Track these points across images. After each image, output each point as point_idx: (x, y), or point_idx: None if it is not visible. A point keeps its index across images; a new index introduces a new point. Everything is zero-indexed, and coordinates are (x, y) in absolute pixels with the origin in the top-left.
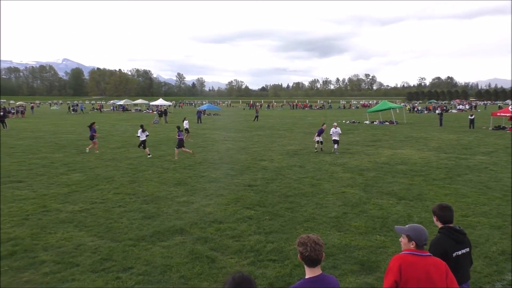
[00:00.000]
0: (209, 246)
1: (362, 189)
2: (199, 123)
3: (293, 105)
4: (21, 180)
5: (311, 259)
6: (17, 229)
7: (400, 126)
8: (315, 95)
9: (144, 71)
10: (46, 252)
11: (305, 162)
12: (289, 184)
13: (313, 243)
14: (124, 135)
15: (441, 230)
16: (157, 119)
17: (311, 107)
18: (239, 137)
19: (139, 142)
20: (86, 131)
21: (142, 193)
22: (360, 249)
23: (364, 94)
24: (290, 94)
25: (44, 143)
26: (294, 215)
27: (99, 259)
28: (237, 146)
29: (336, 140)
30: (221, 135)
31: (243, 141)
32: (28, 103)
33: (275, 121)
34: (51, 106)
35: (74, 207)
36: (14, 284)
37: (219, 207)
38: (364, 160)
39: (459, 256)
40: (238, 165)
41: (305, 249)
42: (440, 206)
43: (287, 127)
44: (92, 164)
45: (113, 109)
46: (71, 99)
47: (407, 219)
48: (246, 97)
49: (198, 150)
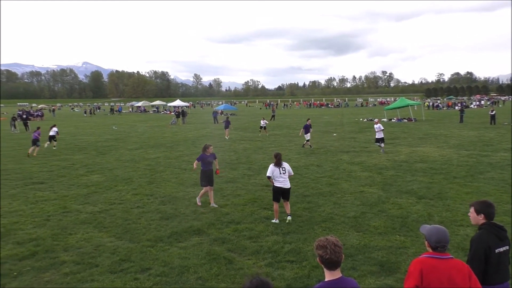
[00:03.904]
0: (226, 247)
1: (380, 188)
2: (216, 123)
3: (310, 103)
4: (43, 182)
5: (332, 261)
6: (39, 229)
7: (418, 123)
8: (332, 94)
9: (162, 73)
10: (67, 253)
11: (322, 161)
12: (307, 184)
13: (332, 245)
14: (143, 136)
15: (483, 226)
16: (174, 120)
17: (327, 106)
18: (256, 137)
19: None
20: (105, 132)
21: (160, 193)
22: (380, 249)
23: (381, 91)
24: (306, 93)
25: (64, 144)
26: (311, 215)
27: (117, 260)
28: (254, 146)
29: (378, 139)
30: (238, 135)
31: (260, 140)
32: (49, 106)
33: (291, 120)
34: (72, 109)
35: (94, 208)
36: (36, 284)
37: (236, 208)
38: (382, 159)
39: (501, 253)
40: (255, 165)
41: (325, 252)
42: (487, 203)
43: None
44: (111, 165)
45: (131, 110)
46: (91, 101)
47: (427, 218)
48: (263, 96)
49: (215, 150)
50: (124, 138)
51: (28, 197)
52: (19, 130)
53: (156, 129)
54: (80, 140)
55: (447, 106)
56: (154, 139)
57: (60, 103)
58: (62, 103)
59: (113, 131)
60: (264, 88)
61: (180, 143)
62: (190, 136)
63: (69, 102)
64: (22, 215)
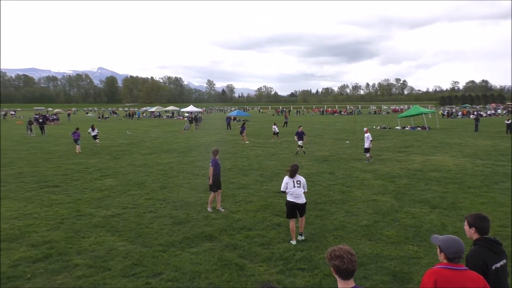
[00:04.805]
0: (237, 253)
1: (393, 196)
2: (229, 129)
3: (322, 110)
4: (57, 185)
5: (348, 271)
6: (53, 232)
7: (432, 132)
8: (345, 101)
9: (176, 78)
10: (80, 256)
11: (335, 169)
12: (319, 191)
13: (348, 254)
14: (156, 141)
15: (478, 241)
16: (187, 126)
17: (340, 113)
18: (268, 143)
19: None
20: (119, 137)
21: (173, 199)
22: (392, 259)
23: (394, 99)
24: (319, 100)
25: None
26: (323, 222)
27: (130, 264)
28: (266, 152)
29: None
30: (250, 141)
31: (272, 147)
32: (65, 111)
33: (304, 127)
34: (86, 113)
35: (107, 212)
36: (49, 286)
37: (248, 214)
38: (395, 167)
39: (498, 268)
40: (267, 171)
41: (342, 262)
42: (480, 217)
43: (317, 133)
44: (125, 169)
45: (144, 115)
46: (105, 106)
47: (441, 228)
48: (275, 103)
49: (227, 156)
50: (137, 143)
51: (42, 200)
52: (35, 133)
53: (169, 134)
54: (94, 144)
55: (462, 115)
56: (167, 144)
57: (75, 108)
58: (77, 108)
59: (127, 136)
60: (277, 95)
61: (192, 149)
62: (202, 142)
63: (84, 107)
64: (37, 218)
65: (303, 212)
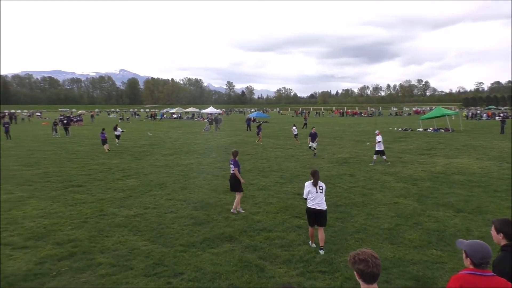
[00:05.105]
0: (258, 255)
1: (416, 199)
2: (248, 130)
3: (342, 112)
4: (81, 185)
5: (373, 275)
6: (77, 231)
7: (456, 134)
8: (365, 102)
9: (196, 80)
10: (103, 255)
11: (355, 171)
12: (339, 193)
13: (372, 258)
14: (176, 142)
15: (506, 247)
16: (207, 127)
17: (360, 114)
18: (288, 145)
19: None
20: (140, 138)
21: (193, 199)
22: (415, 263)
23: (416, 100)
24: (339, 101)
25: (102, 149)
26: (344, 225)
27: (151, 263)
28: (286, 153)
29: (378, 151)
30: (270, 143)
31: (292, 148)
32: (88, 112)
33: (324, 128)
34: (109, 115)
35: (129, 212)
36: (73, 284)
37: (268, 215)
38: (417, 170)
39: None
40: (287, 173)
41: (367, 266)
42: (507, 222)
43: (337, 134)
44: (146, 170)
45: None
46: (127, 107)
47: (466, 233)
48: (295, 104)
49: (247, 157)
50: (158, 144)
51: (67, 199)
52: (60, 134)
53: (189, 135)
54: (116, 145)
55: (487, 116)
56: (187, 145)
57: (98, 109)
58: (100, 109)
59: (148, 137)
60: (296, 96)
61: (212, 150)
62: (222, 143)
63: (107, 108)
64: (62, 217)
65: (324, 221)
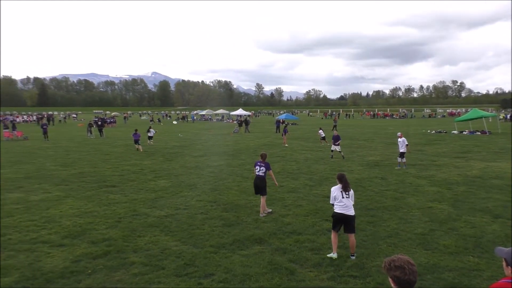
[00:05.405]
0: (287, 258)
1: (451, 204)
2: (278, 132)
3: (373, 114)
4: (115, 185)
5: (410, 282)
6: (111, 230)
7: (493, 137)
8: (397, 104)
9: (225, 82)
10: (136, 254)
11: (387, 174)
12: (370, 197)
13: (409, 264)
14: (206, 143)
15: None
16: (237, 129)
17: (392, 116)
18: (317, 147)
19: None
20: (171, 139)
21: (223, 201)
22: (450, 270)
23: (451, 102)
24: (369, 103)
25: (134, 150)
26: (376, 229)
27: (182, 264)
28: (315, 156)
29: (402, 153)
30: (299, 145)
31: (321, 151)
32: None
33: (354, 130)
34: (141, 116)
35: (161, 212)
36: (108, 283)
37: (297, 218)
38: (452, 173)
39: None
40: (317, 175)
41: (403, 272)
42: None
43: (367, 137)
44: (177, 171)
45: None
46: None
47: (505, 240)
48: (324, 106)
49: (276, 159)
50: (189, 145)
51: (101, 199)
52: (95, 135)
53: (219, 137)
54: (148, 146)
55: None
56: (217, 147)
57: (130, 111)
58: (132, 111)
59: (179, 138)
60: (326, 98)
61: (242, 152)
62: (252, 145)
63: (139, 110)
64: (96, 216)
65: (352, 228)
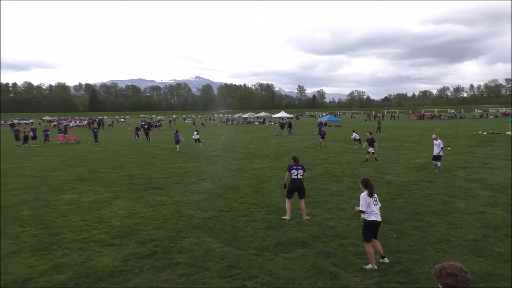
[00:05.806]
0: (331, 262)
1: (505, 209)
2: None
3: (420, 115)
4: (161, 187)
5: None
6: (157, 231)
7: None
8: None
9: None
10: (181, 255)
11: (435, 177)
12: (417, 201)
13: (462, 272)
14: (249, 146)
15: None
16: (279, 131)
17: (440, 117)
18: (360, 149)
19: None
20: (214, 142)
21: (266, 203)
22: (506, 279)
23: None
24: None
25: (179, 153)
26: (424, 234)
27: (226, 265)
28: (358, 158)
29: (436, 156)
30: (342, 147)
31: (365, 153)
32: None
33: (399, 132)
34: (184, 120)
35: (205, 214)
36: (155, 282)
37: (341, 221)
38: (506, 177)
39: None
40: (360, 178)
41: (456, 280)
42: None
43: (413, 138)
44: (220, 174)
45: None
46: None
47: None
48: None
49: (319, 162)
50: (231, 148)
51: (148, 201)
52: (141, 139)
53: (261, 140)
54: (192, 149)
55: None
56: (259, 150)
57: (175, 115)
58: (177, 115)
59: (222, 141)
60: (369, 99)
61: (284, 154)
62: (294, 148)
63: (183, 114)
64: (144, 217)
65: (377, 233)
